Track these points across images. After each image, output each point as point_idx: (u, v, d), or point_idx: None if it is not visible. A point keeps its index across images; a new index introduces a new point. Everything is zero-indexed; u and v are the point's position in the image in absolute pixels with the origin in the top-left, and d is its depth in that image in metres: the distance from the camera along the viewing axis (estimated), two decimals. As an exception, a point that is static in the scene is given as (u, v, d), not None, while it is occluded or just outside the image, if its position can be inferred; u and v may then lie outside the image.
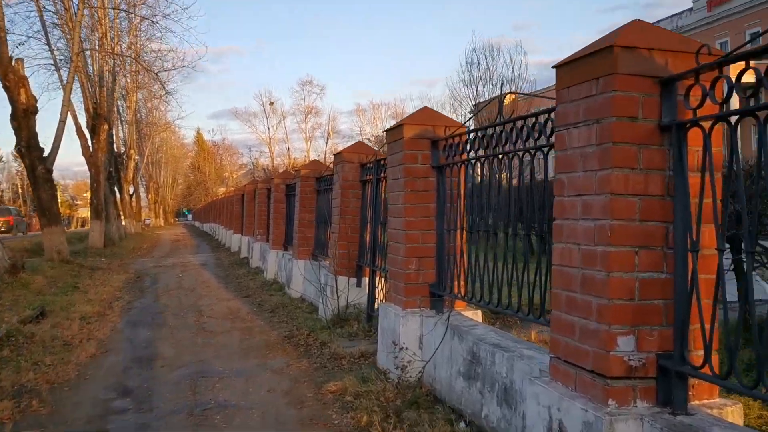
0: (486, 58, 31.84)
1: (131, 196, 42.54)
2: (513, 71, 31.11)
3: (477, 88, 31.59)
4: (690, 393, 2.65)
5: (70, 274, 13.96)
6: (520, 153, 3.85)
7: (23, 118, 15.10)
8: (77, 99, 23.21)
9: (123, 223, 35.44)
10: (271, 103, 74.70)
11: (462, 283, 4.83)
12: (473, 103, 31.52)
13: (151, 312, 9.92)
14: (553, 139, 3.32)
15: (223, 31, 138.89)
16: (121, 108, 40.46)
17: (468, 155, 4.68)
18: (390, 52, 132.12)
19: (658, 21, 52.38)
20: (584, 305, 2.77)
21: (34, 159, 15.35)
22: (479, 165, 4.60)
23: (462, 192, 4.94)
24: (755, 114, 2.31)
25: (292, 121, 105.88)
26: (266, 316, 9.15)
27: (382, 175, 7.03)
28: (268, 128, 74.92)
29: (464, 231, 4.85)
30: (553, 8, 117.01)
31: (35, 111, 15.41)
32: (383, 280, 7.07)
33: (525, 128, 3.74)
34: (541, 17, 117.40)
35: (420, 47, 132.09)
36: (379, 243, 7.10)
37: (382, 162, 7.04)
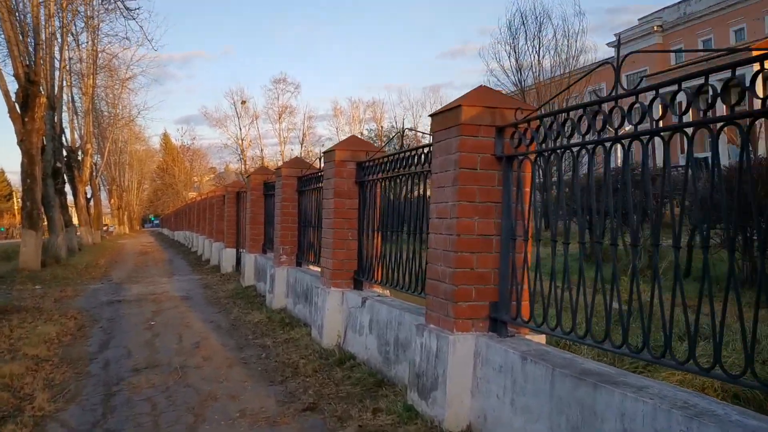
0: (535, 22, 25.35)
1: (89, 200, 35.67)
2: (568, 39, 24.83)
3: (525, 64, 25.15)
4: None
5: (-48, 331, 7.62)
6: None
7: None
8: (7, 68, 16.80)
9: (78, 232, 28.77)
10: (243, 102, 67.01)
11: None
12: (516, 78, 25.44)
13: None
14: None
15: (190, 35, 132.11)
16: (76, 96, 33.92)
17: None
18: (364, 54, 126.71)
19: (664, 8, 47.20)
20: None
21: None
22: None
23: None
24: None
25: (265, 121, 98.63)
26: None
27: None
28: (240, 129, 67.14)
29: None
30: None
31: None
32: None
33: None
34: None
35: (391, 51, 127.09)
36: None
37: None
